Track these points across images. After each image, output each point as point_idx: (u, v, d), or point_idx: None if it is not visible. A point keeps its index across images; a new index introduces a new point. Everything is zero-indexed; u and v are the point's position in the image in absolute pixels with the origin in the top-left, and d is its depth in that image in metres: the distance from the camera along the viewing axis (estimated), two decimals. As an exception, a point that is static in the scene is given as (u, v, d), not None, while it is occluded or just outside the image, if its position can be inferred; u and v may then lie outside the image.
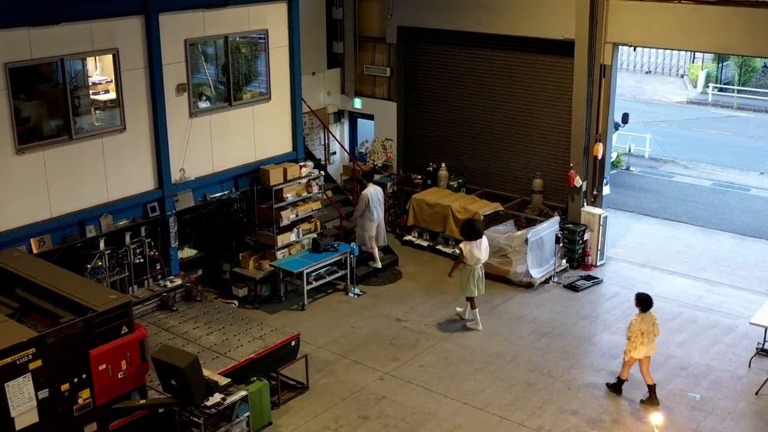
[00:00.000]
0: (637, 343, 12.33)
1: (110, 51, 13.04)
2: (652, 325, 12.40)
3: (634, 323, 12.38)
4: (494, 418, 12.31)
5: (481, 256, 14.71)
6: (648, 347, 12.39)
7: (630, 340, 12.40)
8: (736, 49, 15.98)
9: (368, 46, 19.98)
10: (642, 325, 12.32)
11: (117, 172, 13.47)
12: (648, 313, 12.40)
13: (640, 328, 12.31)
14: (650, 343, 12.39)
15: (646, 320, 12.37)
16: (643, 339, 12.31)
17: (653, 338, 12.41)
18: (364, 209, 16.65)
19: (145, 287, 13.72)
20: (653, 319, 12.43)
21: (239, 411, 11.26)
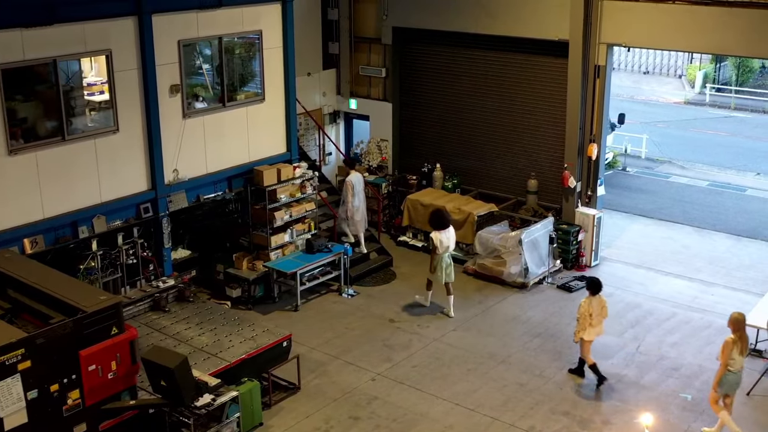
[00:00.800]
0: (586, 324, 12.79)
1: (103, 52, 13.06)
2: (601, 308, 12.91)
3: (583, 305, 12.86)
4: (486, 419, 12.32)
5: (449, 245, 15.25)
6: (597, 329, 12.94)
7: (578, 322, 12.87)
8: (731, 49, 15.98)
9: (364, 47, 19.99)
10: (591, 307, 12.78)
11: (110, 173, 13.48)
12: (597, 296, 12.87)
13: (588, 310, 12.76)
14: (599, 325, 12.94)
15: (595, 303, 12.84)
16: (592, 321, 12.78)
17: (602, 320, 12.95)
18: (350, 196, 16.86)
19: (137, 288, 13.74)
20: (602, 302, 12.93)
21: (229, 411, 11.25)
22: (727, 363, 11.47)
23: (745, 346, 11.54)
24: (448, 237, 15.23)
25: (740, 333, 11.50)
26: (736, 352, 11.45)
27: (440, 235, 15.14)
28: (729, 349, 11.47)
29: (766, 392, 12.97)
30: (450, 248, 15.28)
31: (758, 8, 14.73)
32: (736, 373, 11.55)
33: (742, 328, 11.52)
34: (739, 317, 11.57)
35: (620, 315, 15.46)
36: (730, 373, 11.55)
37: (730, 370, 11.53)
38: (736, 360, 11.48)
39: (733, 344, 11.44)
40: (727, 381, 11.60)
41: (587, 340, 12.94)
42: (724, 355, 11.51)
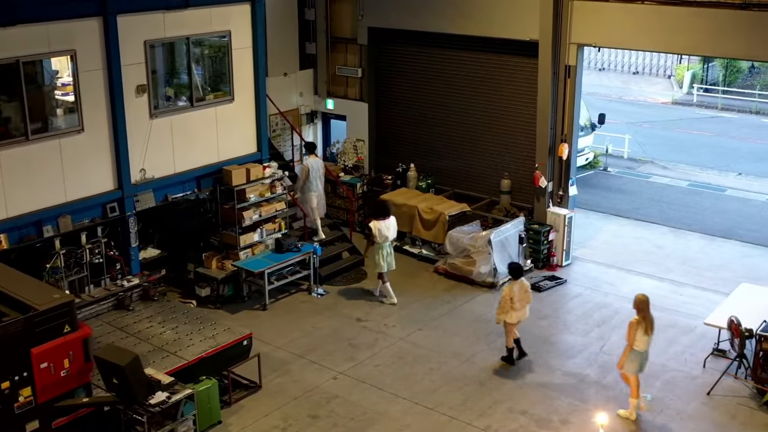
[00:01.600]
0: (507, 308, 13.30)
1: (67, 52, 13.14)
2: (523, 293, 13.47)
3: (505, 290, 13.41)
4: (443, 418, 12.38)
5: (389, 234, 15.69)
6: (520, 313, 13.48)
7: (500, 306, 13.38)
8: (698, 49, 16.03)
9: (340, 47, 20.07)
10: (512, 292, 13.30)
11: (75, 172, 13.57)
12: (519, 281, 13.49)
13: (510, 294, 13.28)
14: (522, 309, 13.47)
15: (516, 288, 13.36)
16: (514, 305, 13.28)
17: (525, 305, 13.50)
18: (305, 180, 17.04)
19: (102, 287, 13.82)
20: (525, 287, 13.52)
21: (185, 410, 11.29)
22: (633, 343, 11.91)
23: (650, 327, 11.92)
24: (387, 226, 15.69)
25: (644, 314, 11.90)
26: (641, 333, 11.87)
27: (380, 224, 15.62)
28: (634, 329, 11.90)
29: (726, 392, 12.99)
30: (389, 238, 15.72)
31: (724, 8, 14.78)
32: (642, 352, 11.99)
33: (645, 309, 11.91)
34: (642, 298, 11.97)
35: (587, 315, 15.52)
36: (636, 353, 11.98)
37: (636, 349, 11.95)
38: (642, 339, 11.90)
39: (637, 325, 11.88)
40: (631, 359, 12.03)
41: (510, 322, 13.48)
42: (630, 335, 11.95)
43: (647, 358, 12.14)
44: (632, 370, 12.12)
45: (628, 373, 12.19)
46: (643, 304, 11.93)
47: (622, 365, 12.15)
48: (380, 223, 15.65)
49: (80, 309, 13.17)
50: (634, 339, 11.92)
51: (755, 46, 14.76)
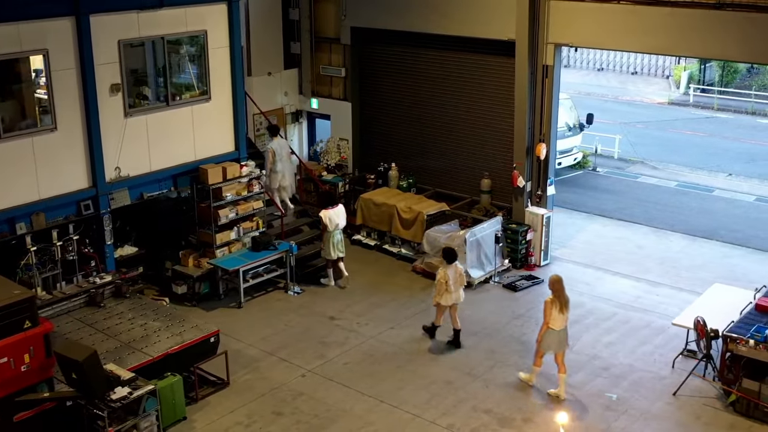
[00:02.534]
0: (442, 290, 13.96)
1: (39, 52, 13.29)
2: (458, 276, 14.08)
3: (439, 273, 14.05)
4: (407, 416, 12.45)
5: (339, 221, 16.36)
6: (455, 295, 14.09)
7: (436, 288, 14.06)
8: (673, 49, 16.01)
9: (325, 46, 20.16)
10: (447, 275, 13.92)
11: (48, 170, 13.72)
12: (453, 265, 14.07)
13: (444, 278, 13.90)
14: (456, 292, 14.09)
15: (451, 272, 13.97)
16: (449, 287, 13.90)
17: (459, 287, 14.12)
18: (272, 162, 17.40)
19: (74, 284, 13.96)
20: (459, 271, 14.15)
21: (147, 405, 11.41)
22: (549, 321, 12.52)
23: (563, 306, 12.53)
24: (336, 214, 16.34)
25: (558, 293, 12.52)
26: (556, 311, 12.50)
27: (329, 212, 16.24)
28: (549, 308, 12.55)
29: (693, 393, 13.00)
30: (339, 225, 16.41)
31: (698, 8, 14.77)
32: (557, 330, 12.59)
33: (559, 289, 12.52)
34: (556, 278, 12.63)
35: (561, 314, 15.55)
36: (551, 331, 12.59)
37: (551, 327, 12.55)
38: (556, 318, 12.51)
39: (551, 304, 12.53)
40: (547, 337, 12.64)
41: (444, 304, 14.13)
42: (546, 314, 12.59)
43: (565, 335, 12.73)
44: (546, 348, 12.74)
45: (545, 350, 12.78)
46: (557, 284, 12.53)
47: (540, 342, 12.76)
48: (329, 211, 16.29)
49: (51, 305, 13.38)
50: (550, 317, 12.51)
51: (729, 47, 14.75)
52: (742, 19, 14.35)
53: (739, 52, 14.81)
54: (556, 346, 12.71)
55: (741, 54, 15.00)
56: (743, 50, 14.68)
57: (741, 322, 12.96)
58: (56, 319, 13.15)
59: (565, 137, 23.25)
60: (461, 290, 14.22)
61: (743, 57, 15.68)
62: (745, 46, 14.55)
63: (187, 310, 15.49)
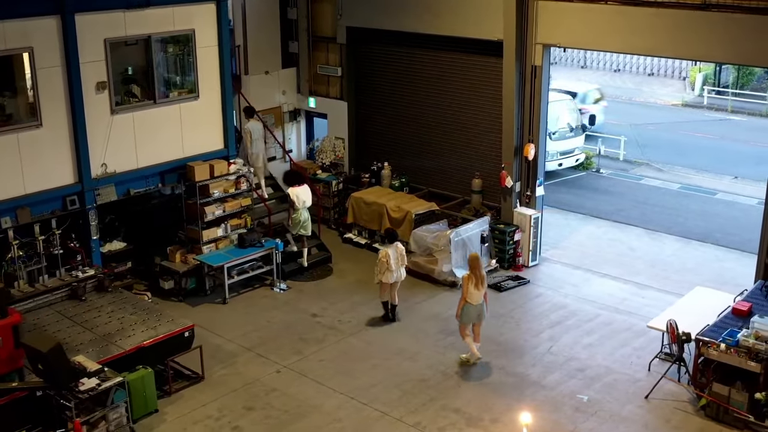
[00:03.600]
0: (384, 269, 14.78)
1: (24, 50, 13.57)
2: (399, 255, 14.91)
3: (381, 253, 14.91)
4: (375, 413, 12.53)
5: (306, 199, 16.89)
6: (396, 274, 14.91)
7: (378, 267, 14.87)
8: (660, 50, 15.85)
9: (322, 46, 20.31)
10: (388, 255, 14.73)
11: (34, 166, 13.99)
12: (394, 244, 14.98)
13: (385, 256, 14.74)
14: (398, 271, 14.92)
15: (391, 251, 14.82)
16: (390, 266, 14.73)
17: (401, 266, 14.96)
18: (249, 143, 17.77)
19: (56, 277, 14.23)
20: (400, 250, 15.02)
21: (115, 397, 11.65)
22: (466, 296, 13.45)
23: (480, 282, 13.44)
24: (304, 192, 16.90)
25: (475, 271, 13.45)
26: (472, 287, 13.43)
27: (296, 190, 16.79)
28: (466, 284, 13.51)
29: (665, 396, 12.92)
30: (306, 203, 16.92)
31: (683, 8, 14.67)
32: (474, 305, 13.52)
33: (476, 267, 13.48)
34: (473, 256, 13.72)
35: (543, 315, 15.54)
36: (469, 305, 13.52)
37: (468, 302, 13.49)
38: (473, 293, 13.45)
39: (468, 280, 13.47)
40: (466, 312, 13.58)
41: (385, 282, 14.95)
42: (464, 289, 13.51)
43: (480, 309, 13.63)
44: (466, 321, 13.67)
45: (463, 323, 13.68)
46: (474, 262, 13.56)
47: (459, 316, 13.68)
48: (297, 189, 16.83)
49: (33, 298, 13.67)
50: (467, 292, 13.44)
51: (715, 48, 14.61)
52: (727, 19, 14.23)
53: (725, 53, 14.68)
54: (475, 319, 13.67)
55: (726, 55, 14.88)
56: (728, 51, 14.55)
57: (715, 326, 12.87)
58: (37, 312, 13.48)
59: (566, 138, 23.16)
60: (402, 269, 15.08)
61: (728, 58, 15.56)
62: (730, 47, 14.41)
63: (173, 305, 15.74)
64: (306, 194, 16.94)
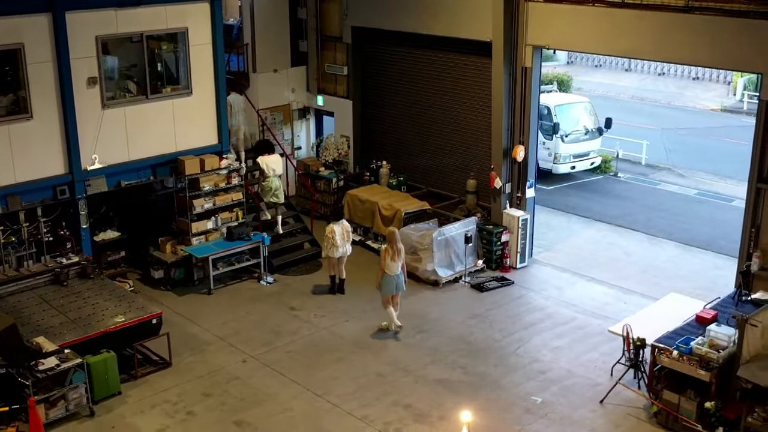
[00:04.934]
0: (329, 245, 15.91)
1: (15, 46, 14.27)
2: (345, 232, 16.05)
3: (327, 229, 16.04)
4: (327, 405, 12.79)
5: (275, 168, 17.60)
6: (342, 249, 16.03)
7: (324, 242, 16.09)
8: (645, 53, 15.68)
9: (330, 45, 20.64)
10: (334, 231, 15.87)
11: (24, 156, 14.66)
12: (340, 222, 16.17)
13: (331, 232, 15.87)
14: (343, 246, 16.03)
15: (337, 228, 15.95)
16: (335, 241, 15.84)
17: (346, 242, 16.07)
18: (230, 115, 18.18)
19: (41, 263, 14.91)
20: (346, 227, 16.19)
21: (74, 378, 12.22)
22: (384, 268, 14.58)
23: (396, 255, 14.58)
24: (273, 161, 17.57)
25: (392, 244, 14.59)
26: (389, 259, 14.55)
27: (266, 158, 17.49)
28: (383, 256, 14.66)
29: (621, 402, 12.84)
30: (276, 171, 17.61)
31: (666, 11, 14.49)
32: (392, 276, 14.62)
33: (393, 241, 14.60)
34: (390, 230, 14.92)
35: (518, 317, 15.54)
36: (387, 276, 14.62)
37: (387, 273, 14.58)
38: (389, 265, 14.57)
39: (385, 252, 14.61)
40: (386, 283, 14.70)
41: (332, 257, 16.07)
42: (382, 261, 14.68)
43: (399, 280, 14.73)
44: (386, 291, 14.74)
45: (384, 294, 14.77)
46: (391, 236, 14.68)
47: (379, 287, 14.77)
48: (266, 157, 17.55)
49: (16, 281, 14.36)
50: (384, 264, 14.57)
51: (699, 51, 14.37)
52: (709, 22, 14.01)
53: (708, 57, 14.42)
54: (393, 289, 14.73)
55: (709, 59, 14.61)
56: (712, 55, 14.29)
57: (675, 333, 12.72)
58: (19, 295, 14.16)
59: (580, 141, 22.95)
60: (348, 245, 16.17)
61: (712, 62, 15.24)
62: (713, 51, 14.18)
63: (161, 294, 16.33)
64: (275, 163, 17.65)
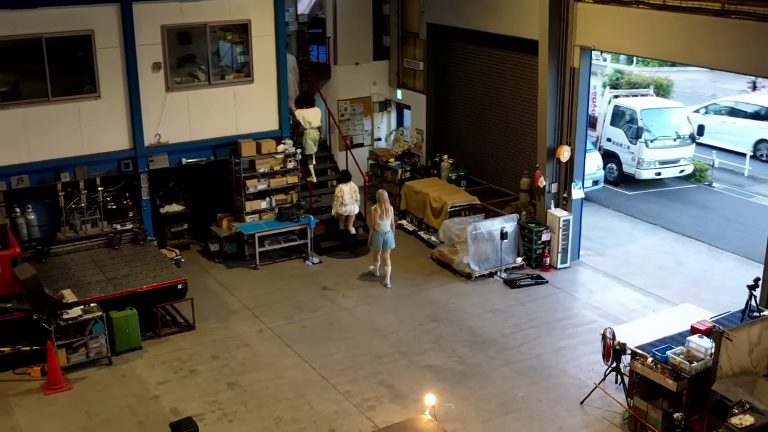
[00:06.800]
0: (338, 203, 17.70)
1: (86, 32, 16.00)
2: (353, 192, 17.79)
3: (337, 189, 17.85)
4: (316, 377, 13.54)
5: (311, 120, 18.86)
6: (349, 207, 17.82)
7: (334, 201, 17.81)
8: (680, 56, 15.21)
9: (410, 41, 21.27)
10: (343, 191, 17.62)
11: (92, 131, 16.40)
12: (348, 183, 17.81)
13: (340, 192, 17.66)
14: (351, 205, 17.80)
15: (346, 188, 17.69)
16: (344, 200, 17.62)
17: (353, 201, 17.83)
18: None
19: (98, 227, 16.59)
20: (354, 188, 17.90)
21: (94, 328, 13.71)
22: (374, 225, 16.44)
23: (384, 214, 16.30)
24: (310, 114, 18.88)
25: (380, 204, 16.31)
26: (378, 217, 16.31)
27: (303, 111, 18.83)
28: (373, 215, 16.46)
29: (601, 405, 12.73)
30: (312, 124, 18.89)
31: (700, 14, 14.06)
32: (380, 233, 16.39)
33: (382, 201, 16.32)
34: (380, 192, 16.63)
35: (537, 315, 15.57)
36: (375, 233, 16.44)
37: (375, 230, 16.40)
38: (378, 223, 16.35)
39: (374, 212, 16.41)
40: (374, 239, 16.55)
41: (341, 213, 17.89)
42: (372, 219, 16.51)
43: (387, 237, 16.47)
44: (375, 246, 16.63)
45: (373, 249, 16.71)
46: (380, 196, 16.44)
47: (370, 243, 16.77)
48: (303, 110, 18.85)
49: (73, 242, 16.11)
50: (374, 222, 16.39)
51: (730, 56, 13.85)
52: (742, 27, 13.48)
53: (740, 62, 13.86)
54: (381, 244, 16.44)
55: (741, 65, 14.01)
56: (743, 61, 13.75)
57: (661, 341, 12.45)
58: (73, 254, 15.87)
59: (668, 147, 22.22)
60: (355, 204, 17.93)
61: (744, 68, 14.55)
62: (746, 57, 13.64)
63: (213, 265, 17.67)
64: (312, 116, 18.88)
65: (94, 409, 12.73)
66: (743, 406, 11.04)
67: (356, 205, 17.93)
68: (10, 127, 15.68)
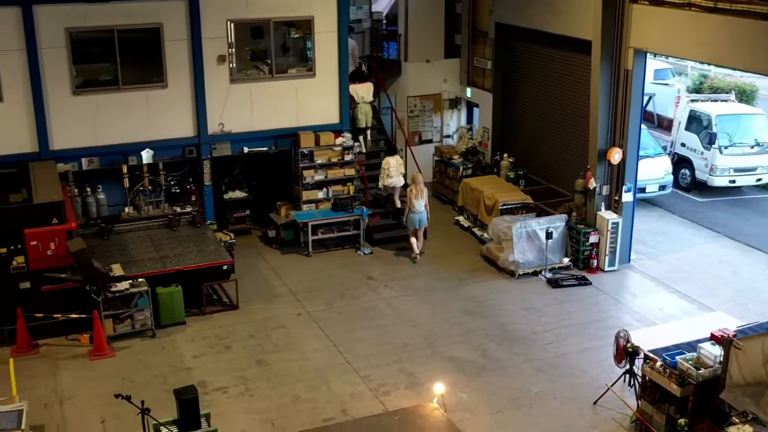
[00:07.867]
0: (384, 175, 18.67)
1: (155, 25, 17.03)
2: (398, 164, 18.79)
3: (384, 162, 18.76)
4: (341, 360, 14.04)
5: (364, 95, 19.62)
6: (395, 179, 18.77)
7: (381, 173, 18.76)
8: (726, 61, 14.80)
9: (480, 39, 21.42)
10: (389, 163, 18.57)
11: (159, 118, 17.44)
12: (395, 156, 18.91)
13: (386, 164, 18.61)
14: (396, 177, 18.76)
15: (392, 161, 18.66)
16: (390, 172, 18.61)
17: (398, 173, 18.75)
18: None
19: (160, 209, 17.60)
20: (399, 161, 18.95)
21: (139, 302, 14.67)
22: (410, 206, 17.57)
23: (419, 194, 17.45)
24: (363, 89, 19.61)
25: (415, 185, 17.53)
26: (413, 198, 17.48)
27: (356, 86, 19.47)
28: (409, 195, 17.63)
29: (613, 406, 12.66)
30: (365, 98, 19.65)
31: (749, 17, 13.71)
32: (415, 213, 17.59)
33: (417, 182, 17.56)
34: (415, 175, 17.84)
35: (572, 315, 15.55)
36: (411, 213, 17.62)
37: (411, 210, 17.57)
38: (413, 203, 17.51)
39: (410, 192, 17.58)
40: (410, 219, 17.72)
41: (387, 185, 18.83)
42: (408, 200, 17.65)
43: (421, 216, 17.66)
44: (410, 225, 17.77)
45: (408, 226, 17.77)
46: (415, 178, 17.69)
47: (406, 222, 17.84)
48: (356, 85, 19.48)
49: (135, 221, 17.18)
50: (410, 203, 17.53)
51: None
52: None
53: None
54: (416, 223, 17.65)
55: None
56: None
57: (677, 346, 12.31)
58: (134, 233, 16.92)
59: (745, 154, 21.50)
60: (400, 176, 18.82)
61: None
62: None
63: (269, 250, 18.47)
64: (364, 90, 19.57)
65: (130, 375, 13.67)
66: (746, 416, 10.89)
67: (401, 177, 18.78)
68: (84, 112, 16.90)
